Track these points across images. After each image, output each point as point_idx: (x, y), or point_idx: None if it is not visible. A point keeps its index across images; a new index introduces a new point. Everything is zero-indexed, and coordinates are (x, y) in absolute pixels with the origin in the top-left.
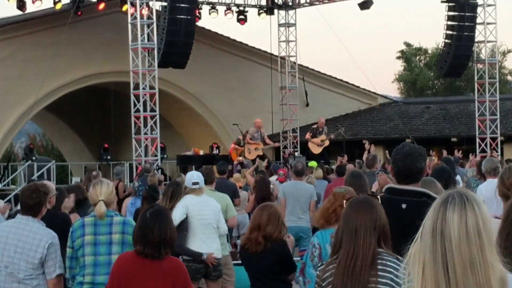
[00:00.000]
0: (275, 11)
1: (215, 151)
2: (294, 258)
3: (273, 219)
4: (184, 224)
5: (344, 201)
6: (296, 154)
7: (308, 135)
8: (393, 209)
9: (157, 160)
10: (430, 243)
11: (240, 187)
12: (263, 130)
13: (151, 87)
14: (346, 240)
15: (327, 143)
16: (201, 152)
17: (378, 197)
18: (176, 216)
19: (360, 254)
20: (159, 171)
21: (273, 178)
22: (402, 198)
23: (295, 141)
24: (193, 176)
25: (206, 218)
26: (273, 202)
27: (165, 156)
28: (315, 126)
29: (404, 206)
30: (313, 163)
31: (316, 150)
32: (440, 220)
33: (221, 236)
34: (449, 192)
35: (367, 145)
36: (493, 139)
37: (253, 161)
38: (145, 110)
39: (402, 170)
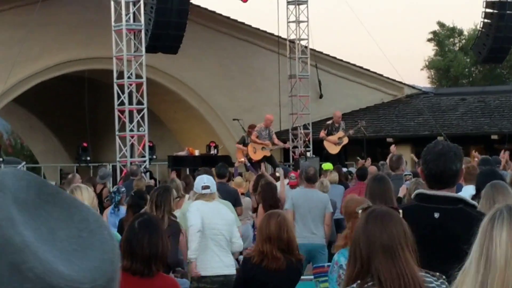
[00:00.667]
0: None
1: (213, 151)
2: (306, 277)
3: (284, 228)
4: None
5: (360, 211)
6: (308, 154)
7: (322, 133)
8: (424, 218)
9: (145, 161)
10: (474, 270)
11: (242, 194)
12: (272, 128)
13: (138, 76)
14: (378, 261)
15: (345, 140)
16: (197, 153)
17: (400, 210)
18: (194, 220)
19: (406, 276)
20: (147, 174)
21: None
22: (435, 205)
23: (306, 139)
24: (203, 179)
25: (218, 228)
26: (278, 210)
27: (154, 157)
28: (329, 122)
29: (436, 215)
30: (328, 166)
31: (333, 149)
32: (486, 241)
33: (234, 252)
34: (498, 207)
35: (393, 148)
36: None
37: (259, 162)
38: (130, 103)
39: (434, 173)
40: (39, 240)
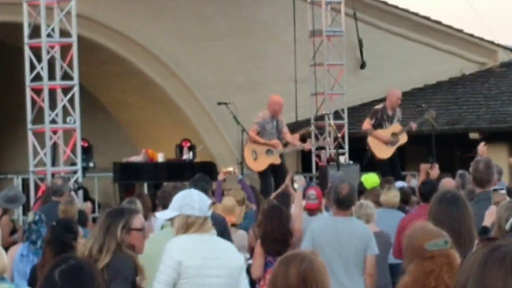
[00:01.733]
0: None
1: (187, 155)
2: None
3: (313, 283)
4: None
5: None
6: (342, 160)
7: (367, 124)
8: None
9: (76, 172)
10: None
11: (234, 225)
12: (282, 117)
13: (64, 33)
14: None
15: (403, 138)
16: (160, 157)
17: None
18: (165, 274)
19: None
20: (80, 193)
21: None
22: None
23: (340, 135)
24: (192, 198)
25: (212, 283)
26: (302, 252)
27: (92, 164)
28: (379, 106)
29: None
30: (372, 179)
31: (383, 152)
32: None
33: None
34: None
35: (482, 149)
36: None
37: (263, 174)
38: (52, 77)
39: None
40: None
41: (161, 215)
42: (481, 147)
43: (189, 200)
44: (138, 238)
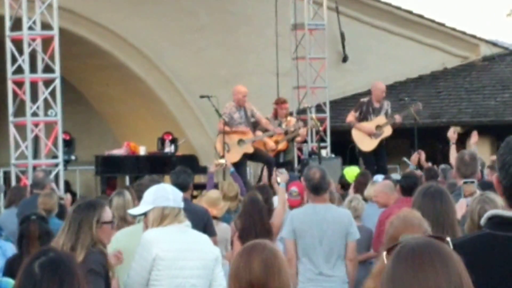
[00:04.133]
0: None
1: (169, 148)
2: None
3: (275, 271)
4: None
5: (384, 254)
6: (324, 153)
7: (351, 117)
8: (499, 255)
9: (57, 164)
10: None
11: (216, 217)
12: (251, 105)
13: (46, 26)
14: None
15: (387, 131)
16: (142, 150)
17: (448, 240)
18: (136, 269)
19: None
20: (61, 185)
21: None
22: None
23: (322, 128)
24: (166, 190)
25: (186, 275)
26: (261, 241)
27: (73, 157)
28: (365, 99)
29: None
30: (352, 171)
31: (367, 144)
32: None
33: None
34: None
35: (474, 138)
36: None
37: (238, 165)
38: (33, 70)
39: None
40: None
41: (134, 211)
42: (474, 137)
43: (163, 192)
44: (107, 231)
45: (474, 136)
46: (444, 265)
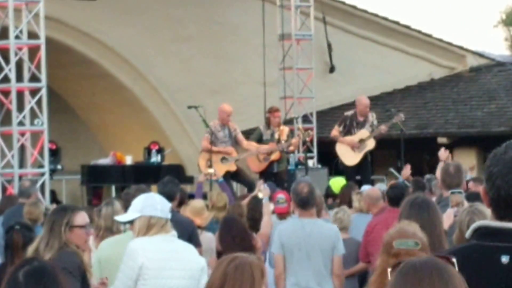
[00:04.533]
0: None
1: (155, 158)
2: None
3: (244, 280)
4: None
5: (389, 271)
6: (311, 163)
7: (335, 131)
8: (487, 265)
9: (43, 174)
10: None
11: (200, 227)
12: (234, 125)
13: (32, 35)
14: None
15: (370, 144)
16: (129, 160)
17: (454, 261)
18: (121, 284)
19: None
20: (47, 195)
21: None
22: (502, 245)
23: (308, 139)
24: (154, 199)
25: (173, 285)
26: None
27: (60, 167)
28: (349, 113)
29: (505, 259)
30: (338, 182)
31: (350, 158)
32: None
33: None
34: None
35: (444, 154)
36: None
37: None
38: (20, 79)
39: (505, 195)
40: None
41: (121, 218)
42: (443, 153)
43: (151, 201)
44: (80, 235)
45: (443, 153)
46: (443, 283)
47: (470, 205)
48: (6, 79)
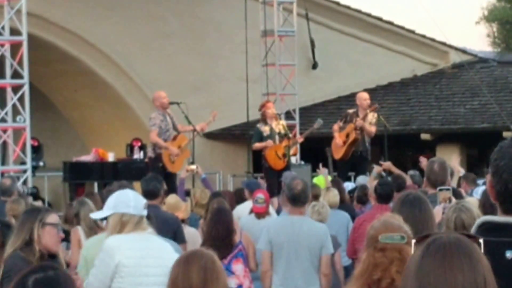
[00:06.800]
0: None
1: (138, 154)
2: None
3: (212, 275)
4: None
5: (413, 242)
6: (294, 160)
7: (336, 125)
8: (491, 260)
9: (25, 171)
10: None
11: (184, 220)
12: (171, 112)
13: (14, 32)
14: None
15: (351, 136)
16: (111, 157)
17: (481, 241)
18: (96, 275)
19: None
20: (28, 192)
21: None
22: (507, 240)
23: (291, 135)
24: (127, 196)
25: (149, 283)
26: (199, 249)
27: (42, 163)
28: (351, 110)
29: (510, 254)
30: (320, 180)
31: (337, 152)
32: None
33: None
34: None
35: (424, 161)
36: None
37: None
38: (2, 76)
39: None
40: None
41: (95, 215)
42: (423, 160)
43: (124, 198)
44: (52, 233)
45: (424, 160)
46: (472, 266)
47: (457, 202)
48: None
